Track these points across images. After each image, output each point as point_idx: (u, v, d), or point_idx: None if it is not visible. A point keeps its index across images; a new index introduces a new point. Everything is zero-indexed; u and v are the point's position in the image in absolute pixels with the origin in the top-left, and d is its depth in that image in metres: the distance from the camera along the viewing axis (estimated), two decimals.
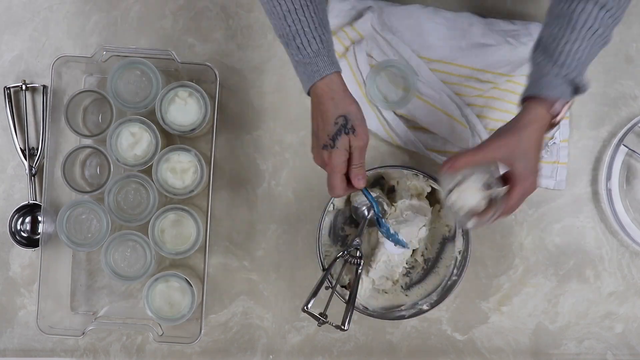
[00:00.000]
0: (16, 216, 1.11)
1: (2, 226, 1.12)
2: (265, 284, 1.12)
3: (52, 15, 1.14)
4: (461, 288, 1.03)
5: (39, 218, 1.09)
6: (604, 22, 0.87)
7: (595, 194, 1.13)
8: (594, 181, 1.13)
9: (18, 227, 1.12)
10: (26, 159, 1.11)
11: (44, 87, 1.12)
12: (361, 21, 1.10)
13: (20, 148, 1.12)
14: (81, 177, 1.09)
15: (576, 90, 0.91)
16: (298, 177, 1.13)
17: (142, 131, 1.03)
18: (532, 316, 1.12)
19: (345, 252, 1.00)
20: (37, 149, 1.12)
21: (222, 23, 1.14)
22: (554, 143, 1.11)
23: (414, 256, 1.09)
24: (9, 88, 1.12)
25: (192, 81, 1.05)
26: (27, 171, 1.11)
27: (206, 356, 1.11)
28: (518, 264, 1.12)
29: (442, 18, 1.12)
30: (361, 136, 0.88)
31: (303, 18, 0.87)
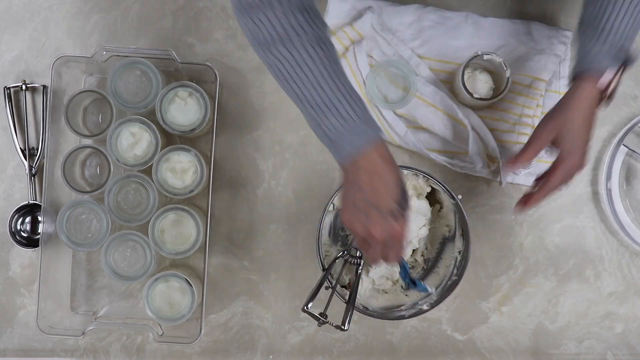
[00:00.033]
0: (16, 216, 1.11)
1: (2, 226, 1.12)
2: (265, 284, 1.12)
3: (52, 15, 1.14)
4: (461, 288, 1.03)
5: (39, 218, 1.09)
6: None
7: (595, 194, 1.13)
8: (594, 181, 1.13)
9: (18, 227, 1.12)
10: (26, 159, 1.11)
11: (44, 87, 1.12)
12: (361, 21, 1.10)
13: (20, 148, 1.12)
14: (81, 177, 1.09)
15: (625, 61, 0.91)
16: (298, 177, 1.13)
17: (142, 131, 1.03)
18: (532, 316, 1.12)
19: (345, 252, 1.00)
20: (37, 149, 1.12)
21: (222, 23, 1.14)
22: None
23: (414, 256, 1.09)
24: (9, 88, 1.12)
25: (192, 81, 1.05)
26: (27, 171, 1.11)
27: (206, 356, 1.11)
28: (518, 264, 1.12)
29: (442, 17, 1.12)
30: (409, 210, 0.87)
31: (339, 83, 0.82)
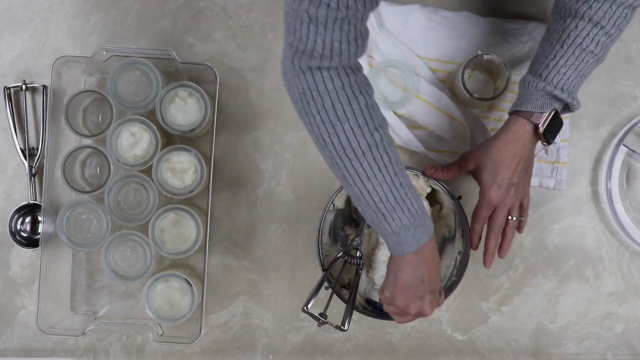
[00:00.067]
0: (16, 216, 1.11)
1: (2, 226, 1.12)
2: (265, 284, 1.12)
3: (52, 15, 1.14)
4: (461, 288, 1.03)
5: (39, 218, 1.09)
6: (597, 40, 0.87)
7: (595, 194, 1.13)
8: (594, 181, 1.13)
9: (18, 227, 1.12)
10: (26, 159, 1.11)
11: (44, 87, 1.12)
12: None
13: (20, 148, 1.12)
14: (81, 177, 1.09)
15: (567, 105, 0.92)
16: (298, 177, 1.13)
17: (142, 131, 1.03)
18: (532, 316, 1.12)
19: (345, 253, 1.00)
20: (37, 149, 1.12)
21: (222, 23, 1.14)
22: (554, 143, 1.11)
23: None
24: (9, 88, 1.12)
25: (192, 81, 1.05)
26: (27, 171, 1.11)
27: (206, 356, 1.11)
28: (518, 264, 1.12)
29: (442, 18, 1.12)
30: None
31: (407, 180, 0.85)
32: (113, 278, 1.03)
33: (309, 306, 0.92)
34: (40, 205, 1.08)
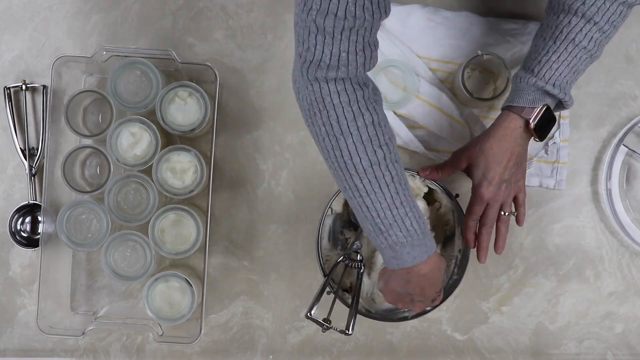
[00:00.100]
0: (16, 216, 1.11)
1: (2, 226, 1.12)
2: (265, 284, 1.12)
3: (52, 15, 1.14)
4: (461, 288, 1.03)
5: (39, 218, 1.09)
6: (591, 36, 0.86)
7: (595, 194, 1.13)
8: (594, 181, 1.13)
9: (18, 227, 1.12)
10: (26, 159, 1.11)
11: (44, 87, 1.12)
12: None
13: (20, 148, 1.12)
14: (81, 177, 1.09)
15: (559, 104, 0.91)
16: (298, 177, 1.13)
17: (142, 131, 1.03)
18: (532, 316, 1.12)
19: (345, 257, 0.99)
20: (37, 149, 1.12)
21: (222, 23, 1.14)
22: (554, 143, 1.11)
23: None
24: (9, 88, 1.12)
25: (192, 81, 1.05)
26: (27, 171, 1.11)
27: (206, 356, 1.11)
28: (518, 264, 1.12)
29: (442, 18, 1.12)
30: None
31: (409, 198, 0.85)
32: (113, 278, 1.03)
33: (313, 312, 0.92)
34: (40, 205, 1.08)
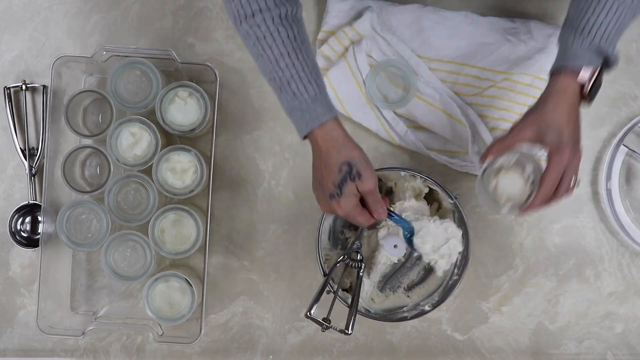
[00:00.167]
0: (16, 216, 1.11)
1: (2, 226, 1.12)
2: (265, 284, 1.12)
3: (52, 15, 1.14)
4: (461, 288, 1.03)
5: (39, 218, 1.09)
6: None
7: (595, 194, 1.13)
8: (594, 181, 1.13)
9: (18, 227, 1.12)
10: (26, 159, 1.11)
11: (44, 87, 1.12)
12: (360, 21, 1.10)
13: (20, 148, 1.12)
14: (81, 177, 1.09)
15: (606, 61, 0.89)
16: (298, 177, 1.13)
17: (142, 131, 1.03)
18: (532, 316, 1.12)
19: (345, 256, 0.99)
20: (37, 149, 1.12)
21: (222, 23, 1.14)
22: None
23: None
24: (9, 88, 1.12)
25: (192, 81, 1.05)
26: (27, 171, 1.11)
27: (206, 356, 1.11)
28: (518, 264, 1.12)
29: (442, 17, 1.12)
30: (367, 180, 0.87)
31: (297, 62, 0.85)
32: (113, 278, 1.03)
33: (312, 311, 0.92)
34: (40, 205, 1.08)
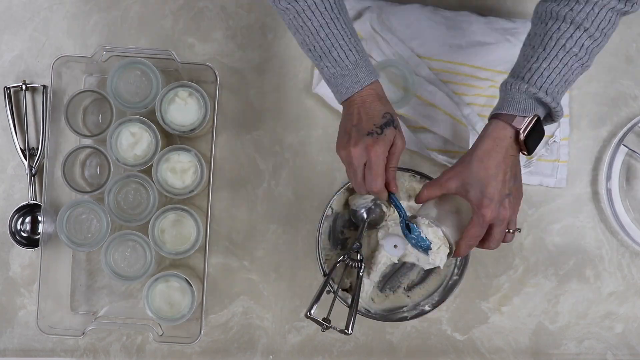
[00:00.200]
0: (16, 216, 1.11)
1: (2, 226, 1.12)
2: (265, 284, 1.12)
3: (52, 15, 1.14)
4: (461, 288, 1.03)
5: (39, 218, 1.09)
6: (581, 43, 0.83)
7: (595, 194, 1.13)
8: (594, 181, 1.13)
9: (18, 227, 1.12)
10: (26, 159, 1.11)
11: (44, 87, 1.12)
12: (360, 21, 1.10)
13: (20, 148, 1.12)
14: (81, 177, 1.09)
15: (549, 113, 0.86)
16: (298, 177, 1.13)
17: (142, 131, 1.03)
18: (532, 316, 1.12)
19: (345, 256, 0.99)
20: (37, 149, 1.12)
21: (222, 23, 1.14)
22: (555, 141, 1.11)
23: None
24: (9, 88, 1.12)
25: (192, 81, 1.05)
26: (27, 171, 1.11)
27: (206, 356, 1.11)
28: (518, 264, 1.12)
29: (442, 17, 1.12)
30: (403, 138, 0.89)
31: (336, 31, 0.87)
32: (113, 278, 1.03)
33: (312, 311, 0.92)
34: (40, 205, 1.08)
